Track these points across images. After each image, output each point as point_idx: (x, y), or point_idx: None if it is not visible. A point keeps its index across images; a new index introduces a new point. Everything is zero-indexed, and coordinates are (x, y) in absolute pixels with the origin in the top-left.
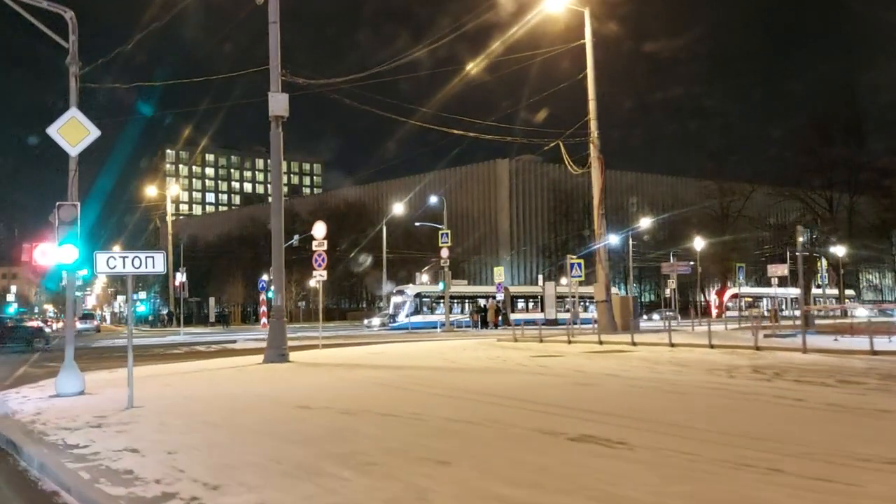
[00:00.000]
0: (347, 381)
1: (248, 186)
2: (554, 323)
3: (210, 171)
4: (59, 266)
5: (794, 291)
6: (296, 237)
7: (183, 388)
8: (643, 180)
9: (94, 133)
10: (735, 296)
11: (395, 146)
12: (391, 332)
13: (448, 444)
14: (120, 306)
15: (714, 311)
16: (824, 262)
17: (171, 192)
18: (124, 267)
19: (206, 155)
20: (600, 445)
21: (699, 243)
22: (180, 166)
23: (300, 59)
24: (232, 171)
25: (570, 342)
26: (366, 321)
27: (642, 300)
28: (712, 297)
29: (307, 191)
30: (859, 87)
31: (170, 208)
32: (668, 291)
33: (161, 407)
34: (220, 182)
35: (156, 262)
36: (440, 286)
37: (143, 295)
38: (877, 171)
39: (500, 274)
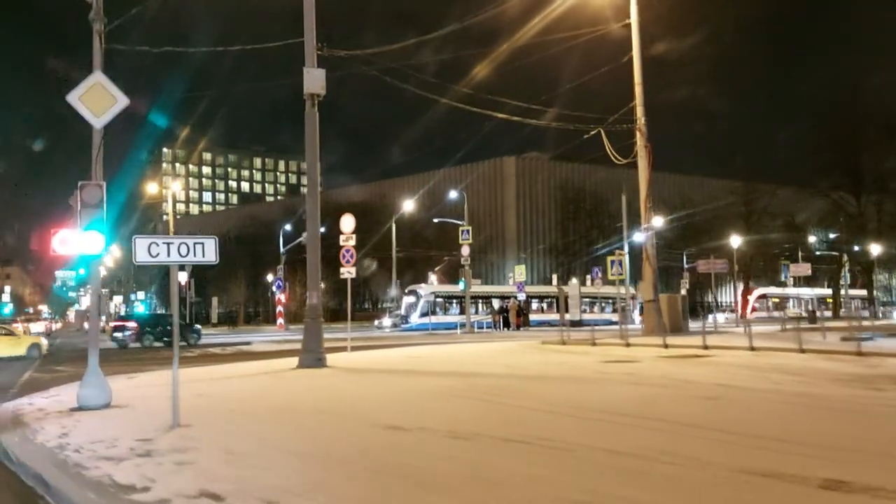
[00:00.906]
0: (416, 391)
1: (245, 186)
2: (579, 324)
3: (207, 171)
4: (82, 257)
5: (819, 291)
6: (304, 234)
7: (223, 400)
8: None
9: (121, 101)
10: (763, 296)
11: (396, 147)
12: (405, 333)
13: (654, 494)
14: (116, 307)
15: (739, 311)
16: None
17: (172, 189)
18: (169, 255)
19: (204, 154)
20: (883, 499)
21: (736, 241)
22: (177, 165)
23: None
24: (229, 170)
25: (628, 345)
26: (376, 322)
27: None
28: (737, 298)
29: (305, 191)
30: (866, 89)
31: (171, 206)
32: (683, 291)
33: (213, 425)
34: (217, 181)
35: (206, 250)
36: (460, 285)
37: (141, 295)
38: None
39: (520, 273)
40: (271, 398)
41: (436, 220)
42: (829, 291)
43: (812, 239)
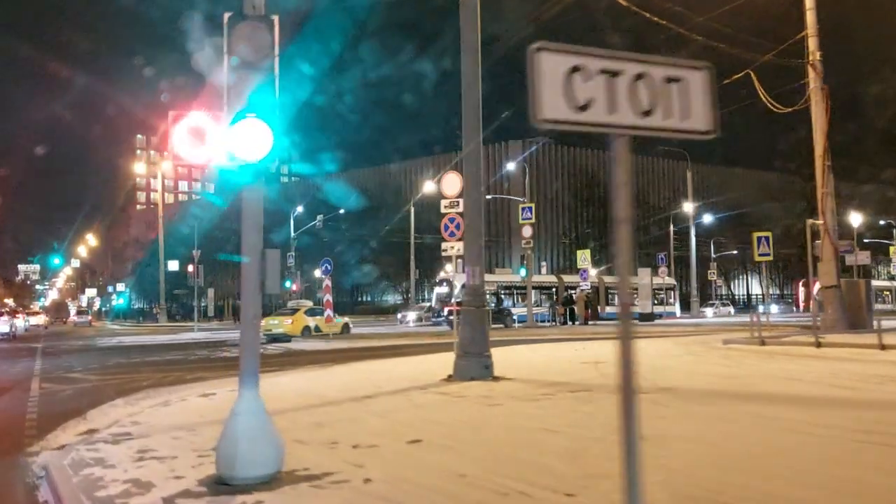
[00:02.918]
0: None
1: None
2: (649, 318)
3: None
4: (241, 168)
5: (878, 283)
6: (320, 217)
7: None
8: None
9: None
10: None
11: (380, 132)
12: (437, 328)
13: None
14: (89, 300)
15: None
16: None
17: (162, 169)
18: (613, 106)
19: None
20: None
21: (857, 219)
22: (151, 153)
23: None
24: None
25: (883, 347)
26: (399, 315)
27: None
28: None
29: (285, 179)
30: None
31: (161, 189)
32: (718, 282)
33: None
34: (193, 170)
35: (695, 101)
36: (521, 273)
37: (121, 287)
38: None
39: (584, 258)
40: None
41: (489, 197)
42: (888, 284)
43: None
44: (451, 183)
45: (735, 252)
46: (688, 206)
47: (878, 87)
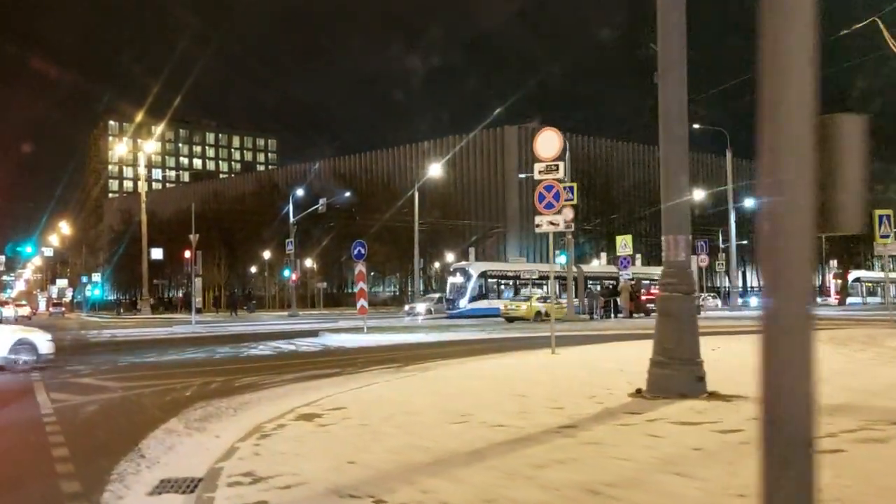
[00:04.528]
0: None
1: (197, 162)
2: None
3: (156, 146)
4: None
5: None
6: (322, 201)
7: None
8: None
9: None
10: (857, 280)
11: (360, 118)
12: (454, 320)
13: None
14: (60, 291)
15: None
16: None
17: (145, 151)
18: None
19: (152, 128)
20: None
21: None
22: (125, 139)
23: None
24: (180, 145)
25: None
26: (406, 307)
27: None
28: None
29: (261, 168)
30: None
31: (134, 175)
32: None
33: None
34: (167, 157)
35: None
36: (562, 258)
37: (96, 277)
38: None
39: (625, 245)
40: None
41: (522, 176)
42: None
43: None
44: (548, 143)
45: (745, 242)
46: (706, 191)
47: None
